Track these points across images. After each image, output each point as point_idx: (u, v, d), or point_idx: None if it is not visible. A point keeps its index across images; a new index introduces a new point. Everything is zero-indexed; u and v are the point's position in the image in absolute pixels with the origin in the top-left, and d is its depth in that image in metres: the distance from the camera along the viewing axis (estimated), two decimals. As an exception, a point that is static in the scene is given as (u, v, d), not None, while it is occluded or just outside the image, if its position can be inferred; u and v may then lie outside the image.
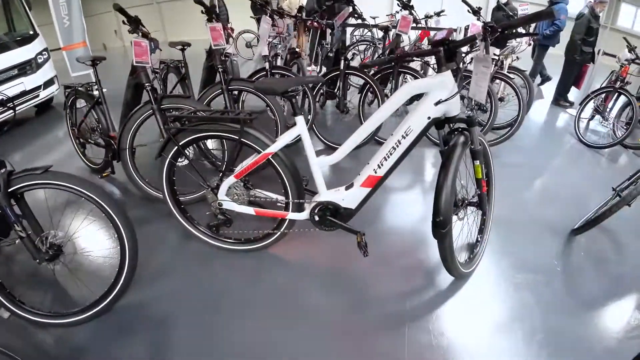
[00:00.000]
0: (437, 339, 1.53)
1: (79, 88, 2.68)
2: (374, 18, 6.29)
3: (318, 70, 3.49)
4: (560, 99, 5.08)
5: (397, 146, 1.51)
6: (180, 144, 1.70)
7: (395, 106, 1.52)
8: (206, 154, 2.32)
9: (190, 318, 1.62)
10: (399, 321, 1.61)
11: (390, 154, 1.53)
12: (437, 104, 1.44)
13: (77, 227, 1.83)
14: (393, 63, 1.52)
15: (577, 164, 3.41)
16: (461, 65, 2.03)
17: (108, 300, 1.55)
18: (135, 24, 2.22)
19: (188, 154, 1.80)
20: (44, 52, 4.50)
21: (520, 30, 3.36)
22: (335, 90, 3.11)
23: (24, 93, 4.02)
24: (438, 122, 1.54)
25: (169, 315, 1.63)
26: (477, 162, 1.58)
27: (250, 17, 6.38)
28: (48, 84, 4.43)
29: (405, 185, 2.80)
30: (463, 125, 1.57)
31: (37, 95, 4.26)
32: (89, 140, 2.84)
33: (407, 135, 1.49)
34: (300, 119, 1.56)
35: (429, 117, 1.47)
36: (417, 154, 3.28)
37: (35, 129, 4.14)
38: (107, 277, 1.59)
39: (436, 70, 1.47)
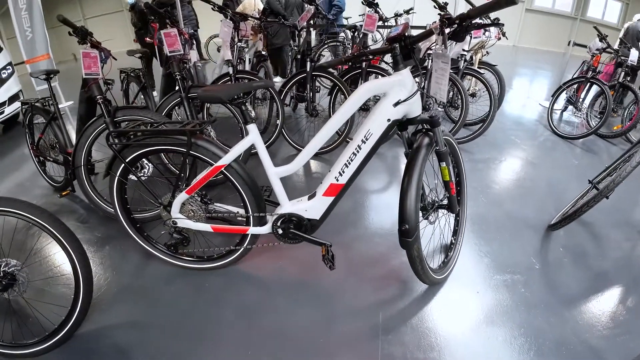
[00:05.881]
0: (411, 353, 1.44)
1: (35, 104, 2.51)
2: (346, 19, 6.23)
3: (288, 73, 3.37)
4: None
5: (358, 152, 1.42)
6: (127, 160, 1.58)
7: (351, 111, 1.42)
8: (159, 169, 2.18)
9: (154, 345, 1.50)
10: (372, 335, 1.51)
11: (351, 160, 1.44)
12: (396, 104, 1.35)
13: (29, 254, 1.70)
14: (350, 63, 1.45)
15: (552, 156, 3.39)
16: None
17: (67, 327, 1.46)
18: (82, 34, 2.09)
19: (140, 169, 1.68)
20: (7, 67, 4.29)
21: (480, 20, 3.27)
22: (305, 93, 3.01)
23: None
24: (400, 124, 1.45)
25: (131, 342, 1.51)
26: (444, 164, 1.50)
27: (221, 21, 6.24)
28: (13, 99, 4.23)
29: (377, 189, 2.73)
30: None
31: (2, 112, 4.07)
32: (48, 157, 2.68)
33: (367, 139, 1.40)
34: (252, 127, 1.45)
35: (388, 120, 1.38)
36: (391, 155, 3.21)
37: (1, 146, 3.94)
38: (66, 303, 1.49)
39: (393, 69, 1.38)
